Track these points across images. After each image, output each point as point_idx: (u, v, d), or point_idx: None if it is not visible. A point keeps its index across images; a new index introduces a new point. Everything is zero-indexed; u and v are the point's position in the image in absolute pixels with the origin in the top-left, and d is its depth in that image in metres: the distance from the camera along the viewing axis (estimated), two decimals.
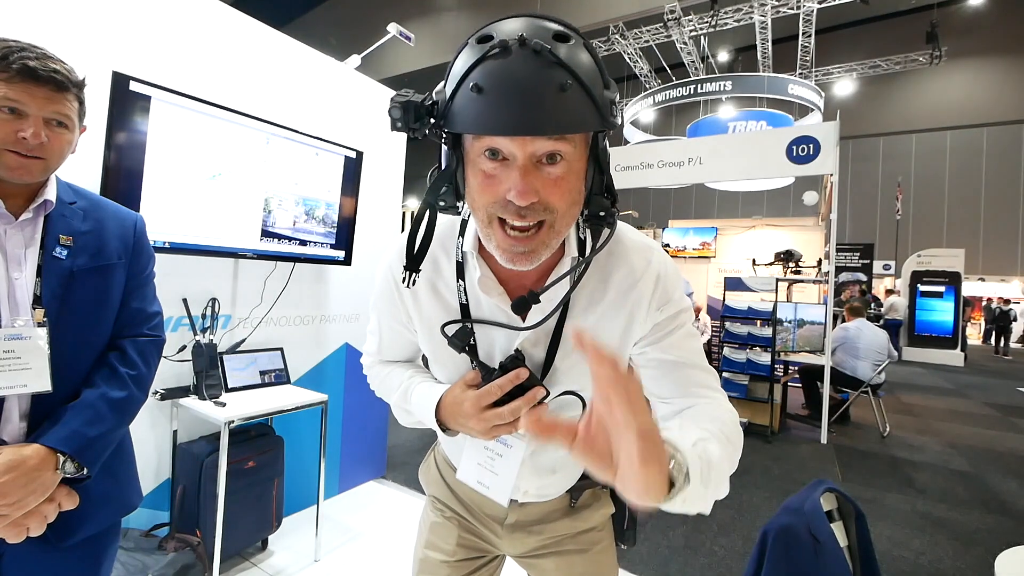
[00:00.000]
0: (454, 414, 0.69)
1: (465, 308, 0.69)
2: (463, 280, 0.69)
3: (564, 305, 0.66)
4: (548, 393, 0.65)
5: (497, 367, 0.66)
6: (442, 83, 0.56)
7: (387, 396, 0.84)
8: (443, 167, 0.59)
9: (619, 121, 0.56)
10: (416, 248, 0.64)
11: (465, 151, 0.57)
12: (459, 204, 0.61)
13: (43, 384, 0.85)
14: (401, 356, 0.86)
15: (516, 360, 0.64)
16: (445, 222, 0.72)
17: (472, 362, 0.68)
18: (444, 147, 0.58)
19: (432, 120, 0.55)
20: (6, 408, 0.84)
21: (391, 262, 0.74)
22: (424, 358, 0.84)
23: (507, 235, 0.56)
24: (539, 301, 0.60)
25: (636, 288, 0.68)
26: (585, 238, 0.66)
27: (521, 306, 0.61)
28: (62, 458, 0.82)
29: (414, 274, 0.65)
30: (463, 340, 0.66)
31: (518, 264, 0.58)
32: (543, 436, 0.45)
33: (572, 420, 0.46)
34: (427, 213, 0.62)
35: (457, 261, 0.70)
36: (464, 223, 0.70)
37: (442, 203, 0.61)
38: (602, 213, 0.60)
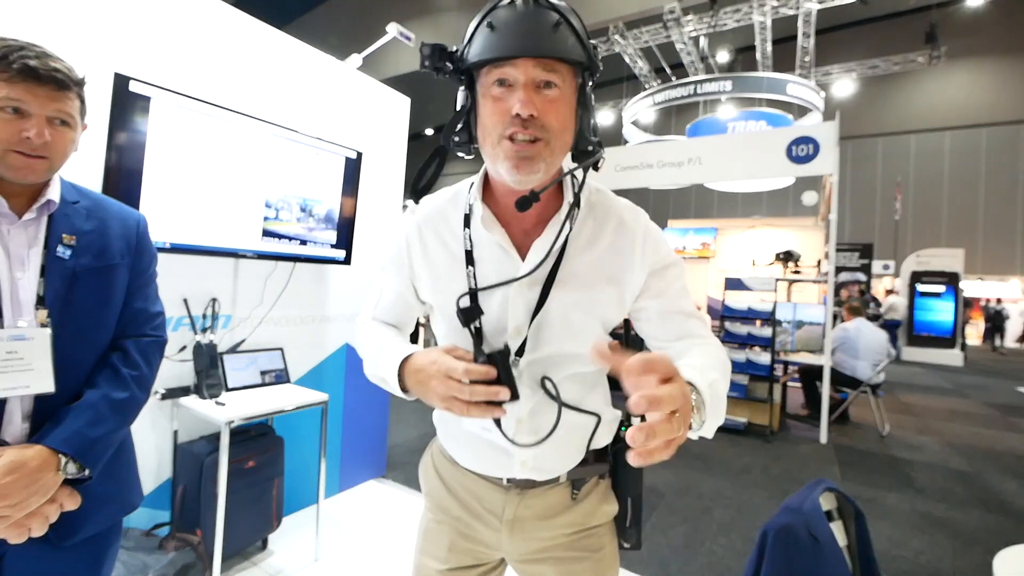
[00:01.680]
0: (424, 366, 0.70)
1: (469, 254, 0.78)
2: (469, 228, 0.79)
3: (560, 247, 0.75)
4: (517, 397, 0.67)
5: (486, 356, 0.69)
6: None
7: (364, 347, 0.86)
8: (459, 108, 0.73)
9: (601, 67, 0.73)
10: (423, 182, 0.78)
11: (478, 89, 0.71)
12: (471, 145, 0.74)
13: (46, 385, 0.85)
14: (391, 318, 0.91)
15: (503, 354, 0.68)
16: (456, 185, 0.84)
17: (475, 341, 0.74)
18: (461, 90, 0.73)
19: (452, 63, 0.71)
20: (9, 409, 0.84)
21: (407, 228, 0.84)
22: (415, 332, 0.86)
23: (513, 144, 0.68)
24: (539, 199, 0.69)
25: (627, 236, 0.79)
26: (578, 181, 0.77)
27: (523, 204, 0.68)
28: (64, 459, 0.82)
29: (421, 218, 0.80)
30: (469, 318, 0.73)
31: (522, 171, 0.68)
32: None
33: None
34: (437, 157, 0.76)
35: (465, 214, 0.80)
36: (472, 184, 0.81)
37: (456, 139, 0.73)
38: (589, 148, 0.74)
